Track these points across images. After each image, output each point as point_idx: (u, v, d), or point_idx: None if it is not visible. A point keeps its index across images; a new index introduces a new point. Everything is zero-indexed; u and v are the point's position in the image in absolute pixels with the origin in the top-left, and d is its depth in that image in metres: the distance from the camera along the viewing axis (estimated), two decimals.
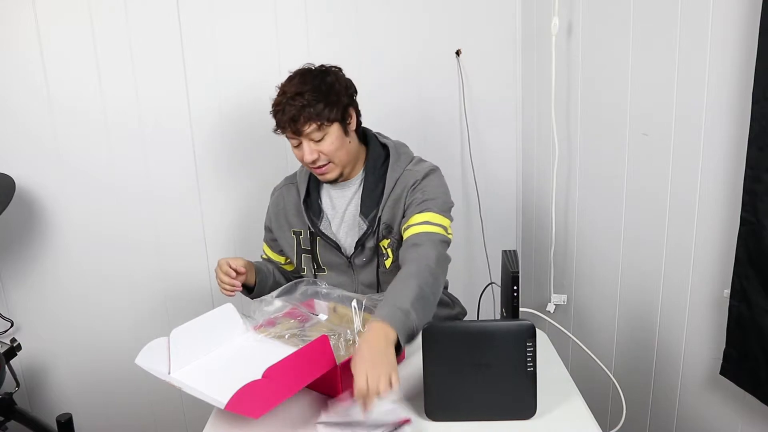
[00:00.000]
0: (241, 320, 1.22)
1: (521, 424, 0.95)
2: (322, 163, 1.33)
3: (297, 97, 1.28)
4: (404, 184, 1.37)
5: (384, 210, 1.37)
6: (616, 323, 1.57)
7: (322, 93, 1.29)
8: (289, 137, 1.33)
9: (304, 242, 1.45)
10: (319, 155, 1.32)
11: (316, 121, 1.28)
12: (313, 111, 1.27)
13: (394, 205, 1.37)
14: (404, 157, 1.42)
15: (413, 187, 1.36)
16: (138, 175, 1.88)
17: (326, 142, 1.31)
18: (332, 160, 1.33)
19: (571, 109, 1.66)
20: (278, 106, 1.32)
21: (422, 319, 1.10)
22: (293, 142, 1.34)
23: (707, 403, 1.25)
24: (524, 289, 2.08)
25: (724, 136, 1.11)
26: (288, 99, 1.29)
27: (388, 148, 1.43)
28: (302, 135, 1.30)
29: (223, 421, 1.01)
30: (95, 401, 2.00)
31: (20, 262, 1.88)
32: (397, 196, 1.37)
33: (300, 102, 1.27)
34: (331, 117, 1.29)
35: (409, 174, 1.38)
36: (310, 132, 1.29)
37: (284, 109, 1.29)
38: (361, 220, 1.39)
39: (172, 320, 1.14)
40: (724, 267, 1.14)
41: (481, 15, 1.94)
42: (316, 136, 1.30)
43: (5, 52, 1.74)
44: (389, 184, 1.37)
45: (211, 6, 1.80)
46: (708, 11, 1.12)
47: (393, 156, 1.41)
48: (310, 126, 1.28)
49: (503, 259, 1.20)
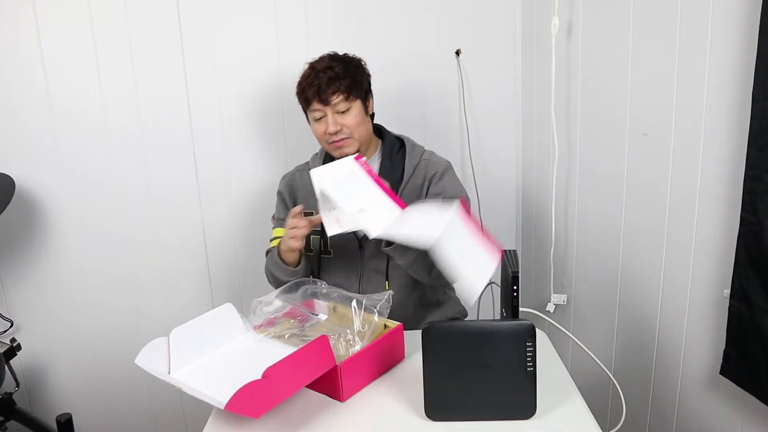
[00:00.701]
0: (241, 320, 1.22)
1: (521, 424, 0.95)
2: (344, 136, 1.38)
3: (327, 70, 1.37)
4: (424, 173, 1.44)
5: (403, 194, 1.42)
6: (616, 323, 1.57)
7: (350, 70, 1.39)
8: (315, 110, 1.38)
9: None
10: (342, 127, 1.37)
11: (344, 92, 1.36)
12: (342, 84, 1.36)
13: (413, 192, 1.43)
14: (418, 148, 1.50)
15: (436, 180, 1.43)
16: (138, 175, 1.88)
17: (350, 115, 1.38)
18: (352, 134, 1.39)
19: (571, 109, 1.66)
20: (307, 78, 1.39)
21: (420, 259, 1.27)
22: (316, 115, 1.39)
23: (707, 403, 1.25)
24: (524, 289, 2.08)
25: (724, 136, 1.11)
26: (318, 72, 1.37)
27: (402, 139, 1.51)
28: (329, 105, 1.36)
29: (223, 421, 1.01)
30: (95, 401, 2.00)
31: (20, 262, 1.88)
32: (417, 184, 1.43)
33: (330, 74, 1.36)
34: (356, 93, 1.39)
35: (427, 164, 1.46)
36: (337, 102, 1.36)
37: (313, 81, 1.37)
38: None
39: (172, 320, 1.14)
40: (724, 267, 1.14)
41: (481, 15, 1.94)
42: (341, 107, 1.37)
43: (5, 52, 1.74)
44: (408, 169, 1.44)
45: (211, 6, 1.80)
46: (708, 11, 1.12)
47: (408, 146, 1.49)
48: (338, 97, 1.36)
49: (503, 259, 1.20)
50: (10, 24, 1.72)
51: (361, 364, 1.08)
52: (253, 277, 1.99)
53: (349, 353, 1.08)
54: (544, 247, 1.87)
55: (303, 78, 1.40)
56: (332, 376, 1.02)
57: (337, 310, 1.29)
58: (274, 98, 1.90)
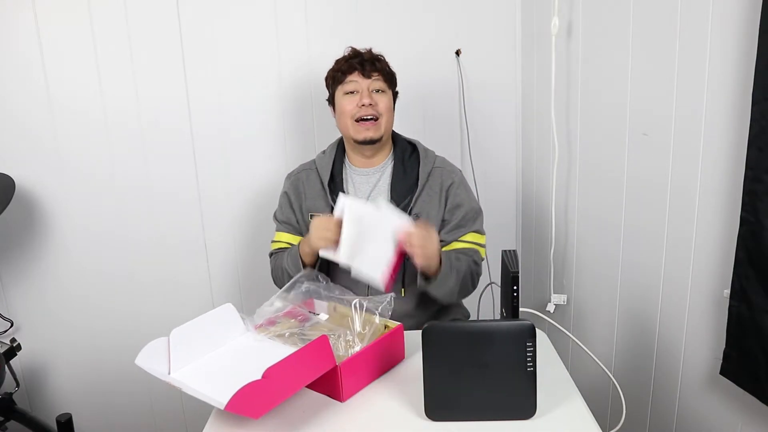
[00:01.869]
0: (241, 320, 1.22)
1: (521, 424, 0.95)
2: (373, 113, 1.40)
3: (371, 56, 1.44)
4: (440, 181, 1.45)
5: (417, 201, 1.42)
6: (616, 323, 1.57)
7: (389, 69, 1.47)
8: (351, 81, 1.41)
9: None
10: (375, 103, 1.40)
11: (384, 75, 1.43)
12: (385, 69, 1.44)
13: (429, 199, 1.43)
14: (431, 153, 1.51)
15: (454, 189, 1.44)
16: (138, 175, 1.88)
17: (385, 97, 1.43)
18: (382, 115, 1.41)
19: (571, 109, 1.66)
20: (350, 57, 1.44)
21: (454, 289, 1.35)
22: (349, 87, 1.42)
23: (707, 403, 1.25)
24: (524, 289, 2.08)
25: (724, 136, 1.11)
26: (362, 54, 1.43)
27: (414, 144, 1.52)
28: (369, 78, 1.41)
29: (223, 421, 1.01)
30: (95, 401, 2.00)
31: (20, 262, 1.88)
32: (434, 192, 1.44)
33: (374, 57, 1.44)
34: (391, 86, 1.46)
35: (442, 172, 1.46)
36: (376, 80, 1.41)
37: (356, 57, 1.42)
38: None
39: (172, 320, 1.14)
40: (724, 267, 1.14)
41: (481, 15, 1.94)
42: (379, 85, 1.42)
43: (5, 52, 1.74)
44: (423, 175, 1.45)
45: (211, 6, 1.80)
46: (708, 11, 1.12)
47: (422, 151, 1.49)
48: (379, 76, 1.42)
49: (503, 259, 1.20)
50: (10, 24, 1.72)
51: (361, 364, 1.08)
52: (253, 277, 2.00)
53: (349, 354, 1.08)
54: (544, 247, 1.87)
55: (344, 57, 1.44)
56: (332, 376, 1.02)
57: (337, 310, 1.29)
58: (274, 98, 1.90)
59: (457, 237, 1.43)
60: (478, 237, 1.46)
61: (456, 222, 1.44)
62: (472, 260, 1.42)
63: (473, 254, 1.44)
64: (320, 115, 1.90)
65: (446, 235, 1.44)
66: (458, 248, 1.43)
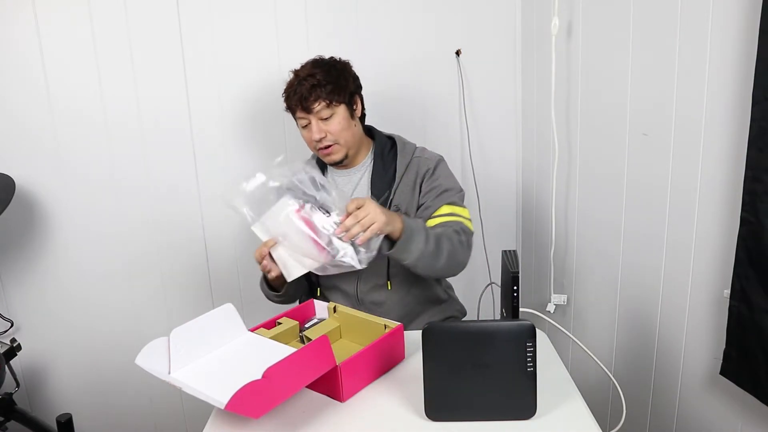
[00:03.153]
0: (241, 320, 1.22)
1: (521, 424, 0.95)
2: (329, 143, 1.39)
3: (309, 78, 1.37)
4: (416, 170, 1.44)
5: (396, 193, 1.42)
6: (616, 323, 1.57)
7: (332, 75, 1.38)
8: (299, 117, 1.40)
9: None
10: (326, 134, 1.38)
11: (325, 99, 1.36)
12: (323, 90, 1.36)
13: (407, 189, 1.43)
14: (409, 146, 1.50)
15: (428, 176, 1.43)
16: (138, 175, 1.88)
17: (333, 121, 1.38)
18: (338, 140, 1.39)
19: (571, 109, 1.66)
20: (291, 87, 1.40)
21: (429, 249, 1.28)
22: (302, 122, 1.40)
23: (707, 403, 1.25)
24: (524, 289, 2.08)
25: (724, 136, 1.11)
26: (300, 80, 1.37)
27: (393, 138, 1.51)
28: (312, 113, 1.37)
29: (223, 421, 1.01)
30: (95, 401, 2.00)
31: (20, 262, 1.88)
32: (411, 181, 1.43)
33: (311, 82, 1.36)
34: (339, 98, 1.38)
35: (420, 161, 1.46)
36: (320, 110, 1.36)
37: (296, 89, 1.37)
38: None
39: (172, 320, 1.14)
40: (724, 267, 1.14)
41: (481, 15, 1.94)
42: (324, 113, 1.37)
43: (5, 52, 1.74)
44: (400, 167, 1.44)
45: (211, 6, 1.81)
46: (708, 11, 1.12)
47: (399, 144, 1.49)
48: (320, 104, 1.36)
49: (503, 259, 1.20)
50: (10, 24, 1.72)
51: (361, 365, 1.08)
52: (253, 277, 1.99)
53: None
54: (544, 247, 1.87)
55: (287, 86, 1.41)
56: (332, 376, 1.02)
57: (337, 311, 1.29)
58: (274, 98, 1.88)
59: (431, 213, 1.40)
60: (454, 208, 1.41)
61: (430, 200, 1.42)
62: (452, 229, 1.36)
63: (453, 225, 1.38)
64: None
65: (422, 212, 1.42)
66: (437, 222, 1.40)
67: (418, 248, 1.27)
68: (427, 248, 1.28)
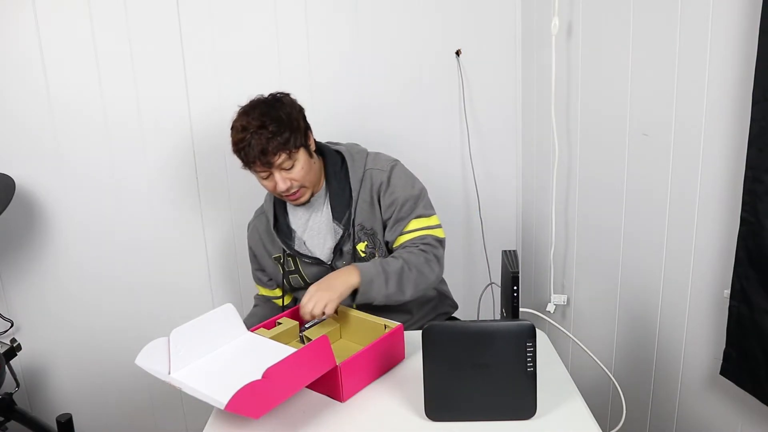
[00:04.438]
0: (241, 320, 1.23)
1: (521, 424, 0.95)
2: (295, 190, 1.34)
3: (261, 130, 1.26)
4: (370, 185, 1.40)
5: (356, 211, 1.39)
6: (616, 323, 1.57)
7: (284, 122, 1.29)
8: (258, 170, 1.32)
9: (287, 264, 1.47)
10: (291, 183, 1.33)
11: (285, 150, 1.28)
12: (281, 140, 1.27)
13: (366, 207, 1.39)
14: (358, 157, 1.44)
15: (384, 190, 1.39)
16: (138, 176, 1.88)
17: (296, 168, 1.32)
18: (304, 184, 1.35)
19: (571, 109, 1.66)
20: (242, 142, 1.28)
21: (391, 290, 1.28)
22: (262, 175, 1.33)
23: (707, 404, 1.25)
24: (524, 290, 2.08)
25: (724, 136, 1.11)
26: (252, 133, 1.27)
27: (341, 153, 1.45)
28: (273, 166, 1.29)
29: (223, 421, 1.01)
30: (95, 401, 2.00)
31: (20, 262, 1.88)
32: (368, 197, 1.39)
33: (266, 134, 1.26)
34: (297, 143, 1.31)
35: (372, 173, 1.41)
36: (281, 162, 1.29)
37: (250, 143, 1.27)
38: (335, 225, 1.40)
39: (172, 320, 1.14)
40: (724, 267, 1.14)
41: (481, 15, 1.94)
42: (287, 164, 1.31)
43: (5, 52, 1.74)
44: (354, 185, 1.39)
45: (211, 6, 1.80)
46: (708, 11, 1.12)
47: (348, 159, 1.43)
48: (281, 156, 1.28)
49: (503, 259, 1.20)
50: (10, 24, 1.72)
51: (361, 365, 1.08)
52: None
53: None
54: (544, 248, 1.87)
55: (238, 141, 1.29)
56: (332, 376, 1.02)
57: (337, 311, 1.29)
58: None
59: (400, 230, 1.38)
60: (423, 221, 1.39)
61: (394, 218, 1.38)
62: (417, 249, 1.34)
63: (422, 240, 1.36)
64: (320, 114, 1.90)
65: (389, 234, 1.39)
66: (406, 240, 1.37)
67: (380, 293, 1.28)
68: (389, 289, 1.28)
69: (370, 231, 1.40)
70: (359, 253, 1.39)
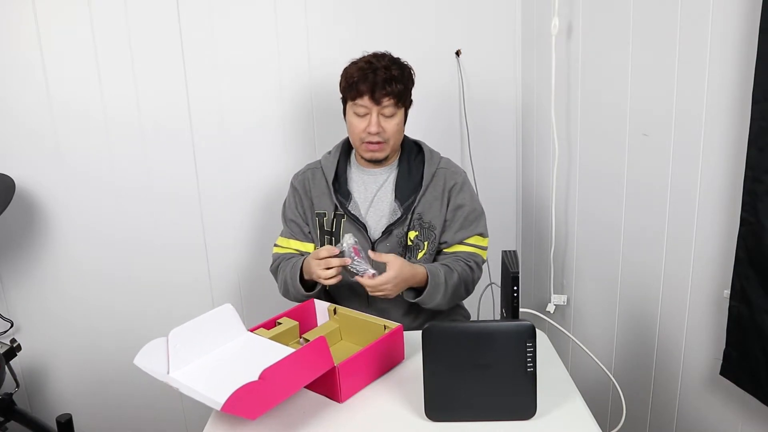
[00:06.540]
0: (241, 320, 1.22)
1: (521, 424, 0.95)
2: (381, 140, 1.38)
3: (385, 70, 1.33)
4: (443, 182, 1.44)
5: (421, 201, 1.42)
6: (616, 323, 1.57)
7: (406, 77, 1.38)
8: (360, 104, 1.36)
9: (327, 224, 1.46)
10: (383, 130, 1.36)
11: (395, 97, 1.34)
12: (399, 88, 1.34)
13: (432, 199, 1.43)
14: (435, 154, 1.50)
15: (457, 191, 1.43)
16: (138, 175, 1.88)
17: (393, 121, 1.37)
18: (389, 140, 1.39)
19: (571, 109, 1.66)
20: (365, 70, 1.33)
21: (442, 302, 1.35)
22: (360, 111, 1.37)
23: (707, 404, 1.25)
24: (524, 290, 2.08)
25: (724, 136, 1.11)
26: (375, 69, 1.32)
27: (419, 144, 1.51)
28: (379, 105, 1.34)
29: (223, 422, 1.01)
30: (95, 401, 2.00)
31: (20, 262, 1.88)
32: (438, 192, 1.43)
33: (387, 75, 1.32)
34: (404, 102, 1.38)
35: (446, 173, 1.46)
36: (387, 106, 1.35)
37: (375, 72, 1.32)
38: (396, 206, 1.42)
39: (172, 320, 1.14)
40: (724, 267, 1.14)
41: (481, 15, 1.94)
42: (389, 111, 1.36)
43: (5, 52, 1.74)
44: (427, 175, 1.43)
45: (211, 6, 1.80)
46: (708, 12, 1.12)
47: (427, 152, 1.48)
48: (390, 100, 1.34)
49: (503, 259, 1.20)
50: (10, 24, 1.72)
51: (360, 365, 1.08)
52: (252, 277, 2.00)
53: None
54: (544, 247, 1.87)
55: (356, 69, 1.35)
56: (331, 377, 1.02)
57: (337, 312, 1.29)
58: (274, 98, 1.90)
59: (461, 239, 1.43)
60: (480, 240, 1.46)
61: (459, 223, 1.43)
62: (468, 266, 1.41)
63: (474, 257, 1.43)
64: (320, 114, 1.91)
65: (449, 236, 1.43)
66: (459, 251, 1.43)
67: (435, 302, 1.36)
68: (443, 300, 1.36)
69: (427, 224, 1.42)
70: (408, 240, 1.41)
